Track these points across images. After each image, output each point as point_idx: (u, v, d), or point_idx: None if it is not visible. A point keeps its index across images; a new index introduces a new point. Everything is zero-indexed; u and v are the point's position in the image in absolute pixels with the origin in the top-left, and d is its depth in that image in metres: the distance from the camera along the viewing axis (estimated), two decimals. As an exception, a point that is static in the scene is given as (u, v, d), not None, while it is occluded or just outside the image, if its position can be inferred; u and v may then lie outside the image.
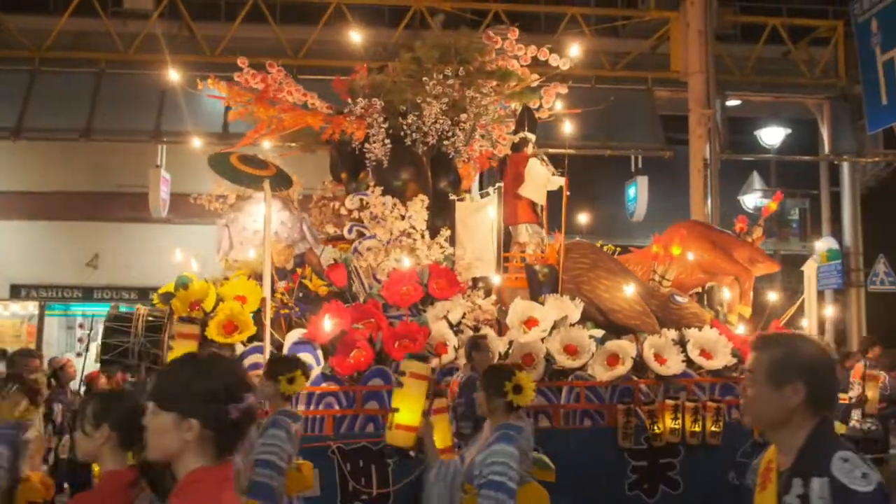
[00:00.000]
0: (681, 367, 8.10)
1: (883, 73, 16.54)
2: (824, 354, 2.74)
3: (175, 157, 17.52)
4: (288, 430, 5.19)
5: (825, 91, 17.71)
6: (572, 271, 8.52)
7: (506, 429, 4.52)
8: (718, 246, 8.96)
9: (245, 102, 9.06)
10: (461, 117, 9.06)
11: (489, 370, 5.06)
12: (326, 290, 8.24)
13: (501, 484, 4.25)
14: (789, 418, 2.63)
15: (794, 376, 2.62)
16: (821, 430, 2.61)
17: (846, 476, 2.42)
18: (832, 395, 2.72)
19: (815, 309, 8.74)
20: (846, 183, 17.92)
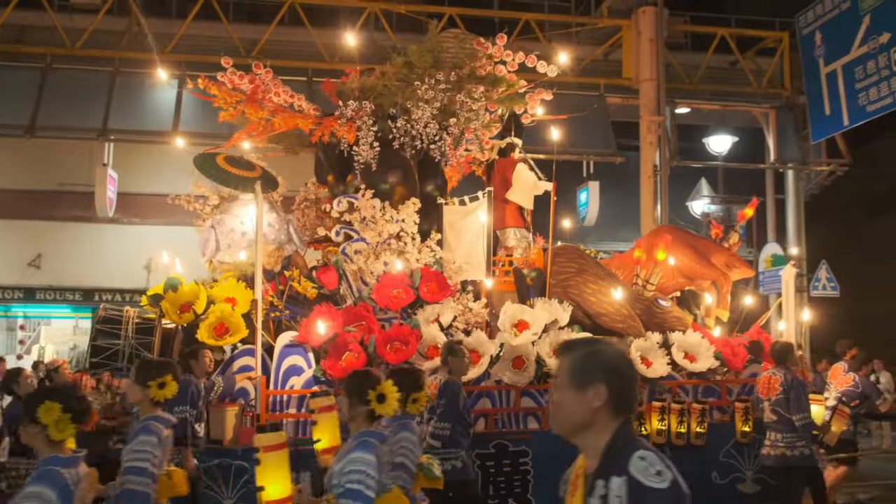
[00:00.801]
0: (666, 370, 8.42)
1: (826, 84, 17.24)
2: (625, 357, 2.79)
3: (123, 156, 17.42)
4: (159, 436, 5.00)
5: (771, 101, 18.30)
6: (560, 275, 8.78)
7: (366, 436, 4.40)
8: (698, 251, 9.33)
9: (235, 104, 9.05)
10: (450, 122, 9.23)
11: (354, 376, 4.94)
12: (315, 292, 8.46)
13: (359, 492, 4.16)
14: (593, 421, 2.67)
15: (596, 378, 2.66)
16: (622, 432, 2.66)
17: (641, 474, 2.50)
18: (633, 397, 2.75)
19: (793, 313, 9.08)
20: (790, 190, 18.47)
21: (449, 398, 6.99)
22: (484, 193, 9.12)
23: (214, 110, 18.02)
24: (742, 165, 19.51)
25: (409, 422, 5.32)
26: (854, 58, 16.61)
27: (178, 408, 6.95)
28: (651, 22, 17.25)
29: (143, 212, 18.36)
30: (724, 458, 8.43)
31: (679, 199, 18.72)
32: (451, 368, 7.26)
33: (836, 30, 16.94)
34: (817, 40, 17.37)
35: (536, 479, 8.09)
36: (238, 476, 7.63)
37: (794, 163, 18.10)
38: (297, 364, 8.09)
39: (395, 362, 7.94)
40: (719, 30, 17.93)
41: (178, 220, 18.24)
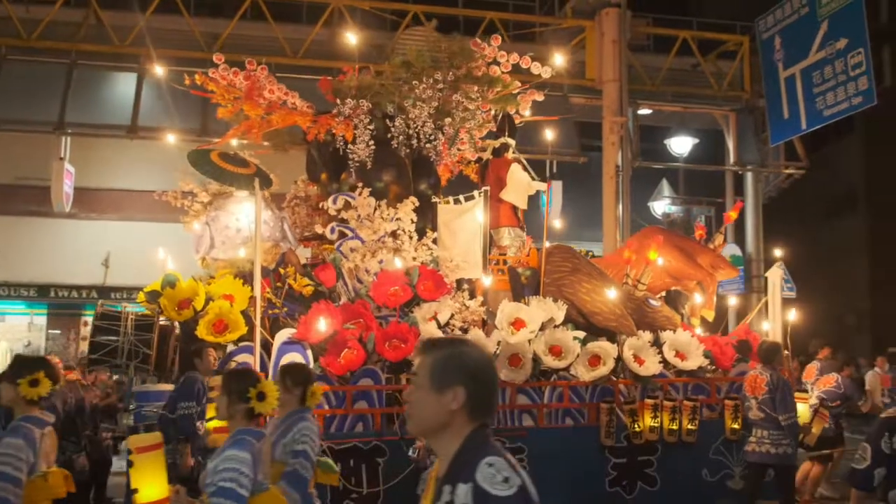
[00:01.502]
0: (658, 368, 8.74)
1: (785, 88, 17.83)
2: (488, 360, 2.77)
3: (80, 150, 17.32)
4: (28, 438, 4.76)
5: (731, 103, 18.74)
6: (554, 274, 9.04)
7: (243, 434, 4.41)
8: (685, 252, 9.66)
9: (233, 100, 9.14)
10: (445, 121, 9.42)
11: (232, 374, 4.94)
12: (311, 289, 8.61)
13: (231, 491, 4.15)
14: (449, 424, 2.65)
15: (456, 381, 2.64)
16: (475, 437, 2.64)
17: (487, 481, 2.48)
18: (492, 402, 2.75)
19: (779, 313, 9.45)
20: (749, 192, 18.91)
21: None
22: (480, 193, 9.33)
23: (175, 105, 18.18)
24: (702, 167, 19.99)
25: (308, 413, 5.44)
26: (812, 62, 17.20)
27: (183, 404, 7.13)
28: (614, 23, 17.59)
29: (101, 207, 18.31)
30: (713, 456, 8.78)
31: (640, 199, 19.17)
32: None
33: (795, 35, 17.52)
34: (777, 45, 17.95)
35: (532, 476, 8.28)
36: (237, 473, 7.79)
37: (753, 165, 18.62)
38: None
39: (395, 360, 8.16)
40: (681, 32, 18.34)
41: (137, 215, 18.31)
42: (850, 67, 16.37)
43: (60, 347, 18.42)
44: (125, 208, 18.31)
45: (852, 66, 16.35)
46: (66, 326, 18.92)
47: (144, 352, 8.00)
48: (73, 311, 18.86)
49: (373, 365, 8.27)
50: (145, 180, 18.45)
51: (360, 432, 8.14)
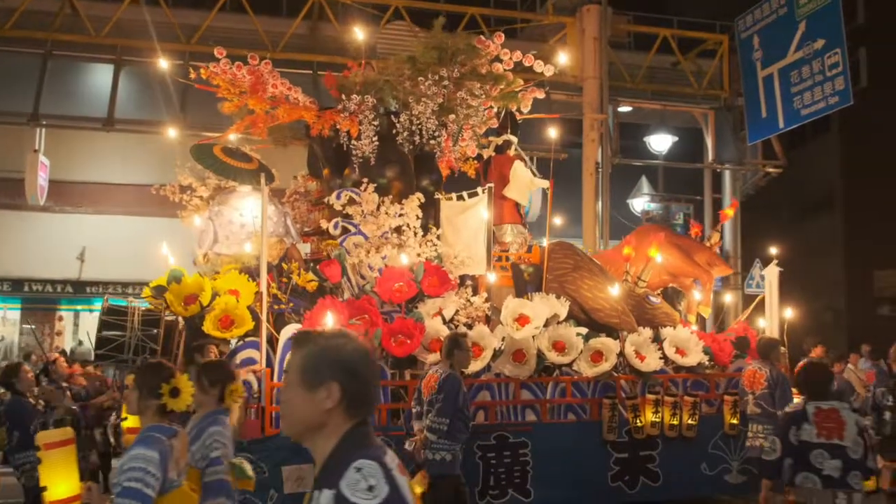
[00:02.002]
0: (659, 364, 8.95)
1: (763, 87, 18.19)
2: (365, 354, 2.62)
3: (55, 142, 17.28)
4: None
5: (710, 102, 19.04)
6: (556, 271, 9.24)
7: (152, 432, 4.30)
8: (682, 249, 9.91)
9: (238, 94, 9.18)
10: (448, 118, 9.54)
11: (146, 368, 4.82)
12: (315, 285, 8.71)
13: (136, 491, 4.03)
14: (324, 423, 2.51)
15: (330, 377, 2.50)
16: (351, 436, 2.50)
17: (350, 488, 2.35)
18: (371, 396, 2.60)
19: (776, 312, 9.72)
20: (727, 190, 19.32)
21: (448, 393, 7.17)
22: (484, 189, 9.47)
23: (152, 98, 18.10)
24: (681, 165, 20.28)
25: (221, 416, 5.27)
26: (790, 62, 17.56)
27: (186, 399, 7.17)
28: (595, 20, 17.85)
29: (77, 200, 18.18)
30: (712, 450, 9.03)
31: (620, 196, 19.44)
32: (454, 361, 7.41)
33: (774, 34, 17.87)
34: (755, 44, 18.30)
35: (536, 470, 8.50)
36: (243, 468, 7.89)
37: (732, 163, 18.94)
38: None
39: (401, 355, 8.30)
40: (661, 30, 18.62)
41: (114, 209, 18.23)
42: (828, 67, 16.73)
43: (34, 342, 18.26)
44: (101, 202, 18.21)
45: (829, 66, 16.70)
46: (40, 321, 18.77)
47: (151, 347, 8.02)
48: (47, 306, 18.70)
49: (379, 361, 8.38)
50: (122, 173, 18.44)
51: (365, 427, 8.24)
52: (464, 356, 7.57)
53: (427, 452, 7.25)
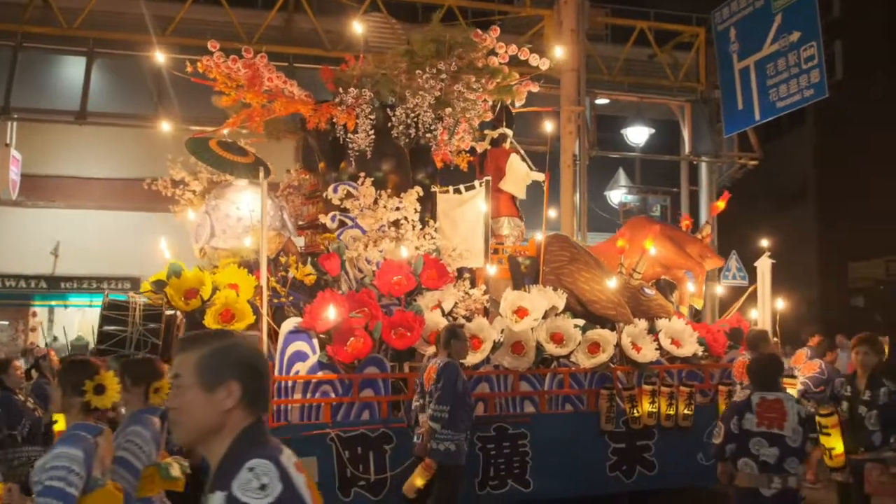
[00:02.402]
0: (655, 355, 9.16)
1: (739, 79, 18.45)
2: (258, 351, 2.65)
3: (28, 136, 17.20)
4: None
5: (687, 94, 19.32)
6: (553, 263, 9.39)
7: (76, 430, 4.25)
8: (675, 241, 10.09)
9: (235, 88, 9.20)
10: (445, 111, 9.63)
11: (68, 365, 4.73)
12: (314, 278, 8.79)
13: (59, 490, 3.98)
14: (223, 423, 2.48)
15: (229, 375, 2.48)
16: (246, 435, 2.48)
17: (241, 489, 2.31)
18: (266, 395, 2.62)
19: (768, 303, 9.92)
20: (704, 182, 19.56)
21: (446, 380, 7.34)
22: (481, 183, 9.59)
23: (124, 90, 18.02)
24: (658, 157, 20.53)
25: (144, 416, 5.15)
26: (766, 55, 17.82)
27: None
28: (573, 12, 17.92)
29: (50, 194, 18.09)
30: (707, 440, 9.17)
31: (597, 188, 19.67)
32: (451, 352, 7.58)
33: (750, 27, 18.13)
34: (732, 36, 18.55)
35: (534, 461, 8.67)
36: (245, 462, 7.96)
37: (708, 155, 19.21)
38: (301, 350, 8.40)
39: (401, 348, 8.43)
40: (638, 23, 18.83)
41: (88, 203, 18.15)
42: (803, 60, 16.98)
43: (8, 339, 18.16)
44: (75, 196, 18.12)
45: (805, 58, 16.96)
46: (13, 317, 18.64)
47: (153, 341, 8.03)
48: (20, 302, 18.55)
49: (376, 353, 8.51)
50: (96, 167, 18.37)
51: (367, 420, 8.38)
52: (461, 346, 7.75)
53: (432, 443, 7.38)
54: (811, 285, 22.89)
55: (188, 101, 16.69)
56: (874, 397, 7.10)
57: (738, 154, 19.38)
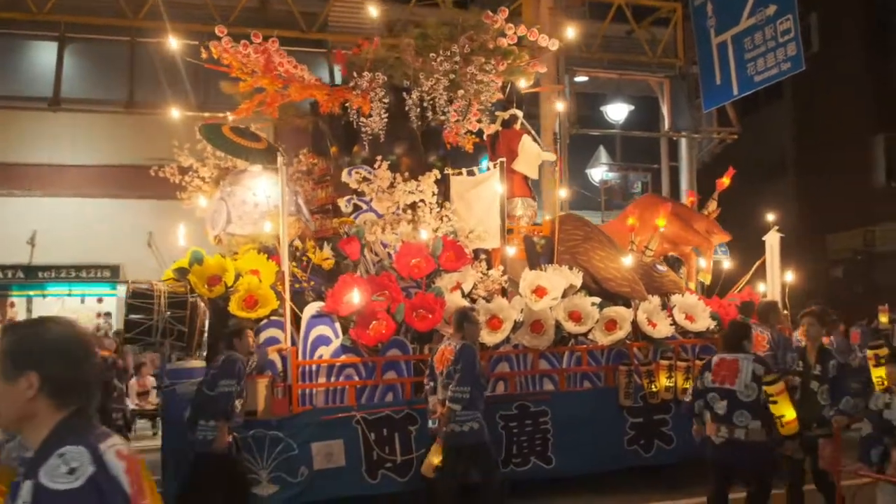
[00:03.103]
0: (670, 331, 9.45)
1: (717, 54, 18.75)
2: (73, 338, 2.54)
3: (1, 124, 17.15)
4: None
5: (665, 70, 19.50)
6: (567, 242, 9.65)
7: None
8: (682, 218, 10.40)
9: (250, 73, 9.28)
10: (458, 93, 9.78)
11: None
12: (332, 263, 8.96)
13: None
14: (33, 412, 2.45)
15: (27, 365, 2.44)
16: (64, 426, 2.43)
17: (49, 475, 2.27)
18: (80, 383, 2.50)
19: (778, 276, 10.28)
20: (683, 158, 19.79)
21: (465, 362, 7.51)
22: (496, 164, 9.79)
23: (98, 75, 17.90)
24: (638, 134, 20.71)
25: None
26: (743, 29, 18.12)
27: (223, 382, 7.35)
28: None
29: (25, 183, 17.96)
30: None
31: (578, 166, 19.86)
32: (465, 334, 7.76)
33: (727, 1, 18.38)
34: (709, 11, 18.83)
35: (556, 438, 8.96)
36: (273, 446, 8.15)
37: (687, 131, 19.51)
38: (324, 334, 8.61)
39: (423, 330, 8.65)
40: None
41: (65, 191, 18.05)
42: (780, 34, 17.29)
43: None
44: (51, 184, 18.00)
45: (781, 32, 17.27)
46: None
47: (179, 329, 8.14)
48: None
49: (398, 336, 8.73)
50: (72, 154, 18.26)
51: (391, 402, 8.59)
52: (474, 329, 7.94)
53: (454, 426, 7.53)
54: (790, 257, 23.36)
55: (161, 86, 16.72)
56: (824, 371, 7.24)
57: (717, 129, 19.68)
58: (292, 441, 8.20)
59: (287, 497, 8.16)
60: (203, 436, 7.42)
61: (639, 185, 20.70)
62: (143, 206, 18.14)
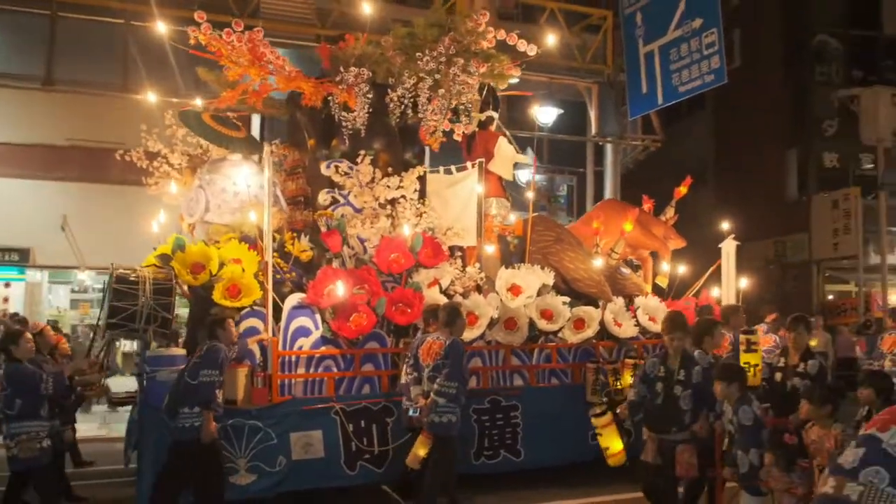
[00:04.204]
0: (634, 331, 10.02)
1: (644, 63, 19.56)
2: None
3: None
4: None
5: (594, 76, 20.26)
6: (539, 243, 10.10)
7: None
8: (641, 223, 10.99)
9: (237, 62, 9.38)
10: (438, 93, 10.11)
11: None
12: (310, 255, 9.20)
13: None
14: None
15: None
16: None
17: None
18: None
19: (733, 281, 10.91)
20: (609, 163, 20.57)
21: (454, 358, 7.95)
22: (474, 164, 10.19)
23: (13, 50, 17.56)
24: (566, 137, 21.32)
25: None
26: (670, 40, 18.91)
27: (205, 371, 7.54)
28: (485, -11, 18.66)
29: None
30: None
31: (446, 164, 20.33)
32: (454, 329, 8.17)
33: (656, 12, 19.18)
34: (638, 20, 19.59)
35: (525, 432, 9.42)
36: (252, 435, 8.37)
37: (613, 137, 20.31)
38: (304, 325, 8.86)
39: (403, 324, 9.01)
40: (549, 3, 19.61)
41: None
42: (704, 46, 18.11)
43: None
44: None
45: (706, 45, 18.09)
46: None
47: (163, 316, 8.24)
48: None
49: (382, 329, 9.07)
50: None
51: (367, 394, 8.91)
52: (463, 324, 8.42)
53: (433, 416, 7.94)
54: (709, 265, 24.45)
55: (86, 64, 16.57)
56: (688, 376, 7.37)
57: (642, 136, 20.47)
58: (271, 431, 8.43)
59: (264, 486, 8.38)
60: (185, 423, 7.59)
61: (564, 187, 21.37)
62: (57, 188, 17.93)
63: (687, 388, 7.33)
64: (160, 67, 15.26)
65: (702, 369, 7.39)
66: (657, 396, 7.44)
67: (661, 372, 7.52)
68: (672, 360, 7.51)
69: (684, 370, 7.40)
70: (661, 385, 7.45)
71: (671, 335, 7.54)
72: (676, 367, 7.44)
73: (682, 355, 7.49)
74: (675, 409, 7.33)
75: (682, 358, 7.48)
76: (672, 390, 7.37)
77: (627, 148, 20.73)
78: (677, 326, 7.60)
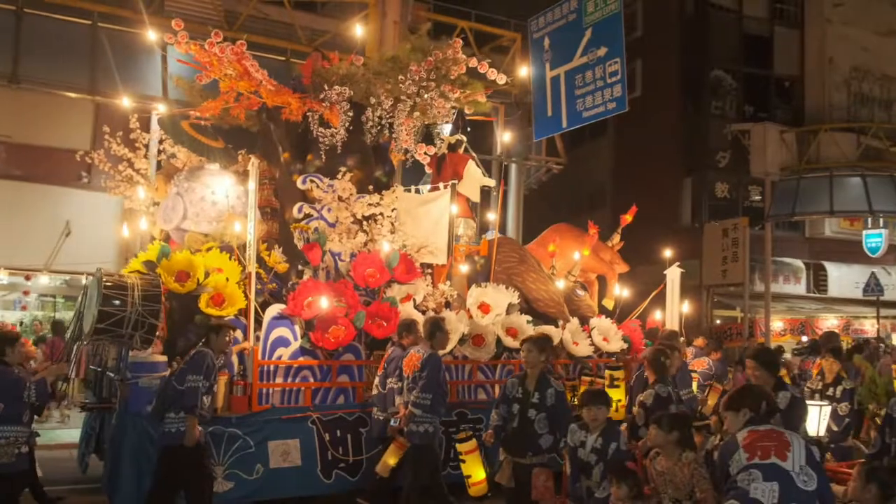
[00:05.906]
0: (590, 350, 10.77)
1: (550, 87, 20.46)
2: None
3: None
4: None
5: (502, 97, 21.02)
6: (504, 263, 10.75)
7: None
8: (592, 248, 11.78)
9: (224, 74, 9.64)
10: (413, 115, 10.60)
11: None
12: (286, 266, 9.53)
13: None
14: None
15: None
16: None
17: None
18: None
19: (677, 307, 11.78)
20: (513, 183, 21.44)
21: (431, 370, 8.44)
22: (447, 185, 10.72)
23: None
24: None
25: None
26: (575, 66, 19.80)
27: (191, 377, 7.84)
28: (396, 4, 19.17)
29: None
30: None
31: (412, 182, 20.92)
32: (434, 342, 8.68)
33: (563, 38, 20.05)
34: (546, 45, 20.45)
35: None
36: (230, 443, 8.69)
37: (518, 157, 21.13)
38: (283, 336, 9.25)
39: (380, 337, 9.49)
40: (460, 22, 20.28)
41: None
42: (608, 74, 19.05)
43: None
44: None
45: (609, 73, 19.04)
46: None
47: (151, 322, 8.39)
48: None
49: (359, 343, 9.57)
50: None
51: (342, 404, 9.34)
52: (444, 338, 9.00)
53: (411, 425, 8.47)
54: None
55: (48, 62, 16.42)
56: (542, 399, 7.47)
57: (546, 158, 21.38)
58: (250, 439, 8.78)
59: (242, 494, 8.73)
60: (171, 428, 7.86)
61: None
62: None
63: (541, 412, 7.45)
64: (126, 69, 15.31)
65: (555, 392, 7.52)
66: (513, 419, 7.58)
67: (518, 393, 7.65)
68: (530, 382, 7.64)
69: (538, 392, 7.53)
70: (518, 406, 7.59)
71: (522, 348, 7.82)
72: (532, 389, 7.57)
73: (539, 377, 7.62)
74: (531, 431, 7.47)
75: (539, 380, 7.60)
76: (527, 413, 7.51)
77: (531, 168, 21.59)
78: (528, 339, 7.91)
